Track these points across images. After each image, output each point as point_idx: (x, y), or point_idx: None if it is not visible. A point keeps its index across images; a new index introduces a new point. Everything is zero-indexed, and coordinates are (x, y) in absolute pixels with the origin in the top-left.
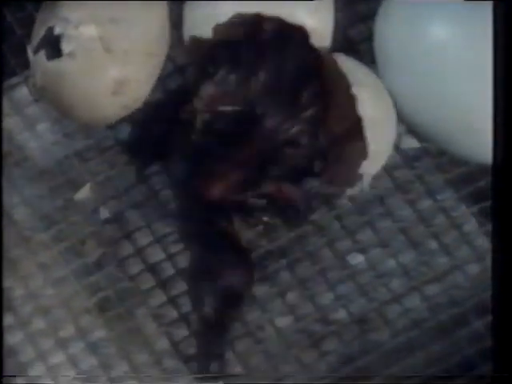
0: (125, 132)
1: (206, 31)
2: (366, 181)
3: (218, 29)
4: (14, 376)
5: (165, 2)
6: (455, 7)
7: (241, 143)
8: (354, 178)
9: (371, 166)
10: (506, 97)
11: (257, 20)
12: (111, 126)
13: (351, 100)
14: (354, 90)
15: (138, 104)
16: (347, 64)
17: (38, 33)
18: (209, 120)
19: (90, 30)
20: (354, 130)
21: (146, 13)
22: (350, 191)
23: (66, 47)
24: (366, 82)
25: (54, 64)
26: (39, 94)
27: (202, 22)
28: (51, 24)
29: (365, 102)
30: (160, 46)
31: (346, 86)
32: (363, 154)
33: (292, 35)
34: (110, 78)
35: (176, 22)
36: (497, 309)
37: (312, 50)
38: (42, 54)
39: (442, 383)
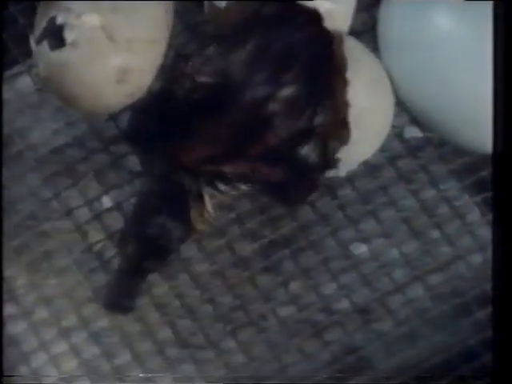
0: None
1: None
2: (345, 166)
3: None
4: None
5: None
6: None
7: (216, 115)
8: (331, 161)
9: (354, 153)
10: (506, 92)
11: None
12: (113, 115)
13: (343, 84)
14: (350, 74)
15: (142, 92)
16: (353, 47)
17: (40, 23)
18: (188, 89)
19: (92, 20)
20: (339, 114)
21: (148, 0)
22: (326, 173)
23: (68, 37)
24: (366, 69)
25: (57, 54)
26: (42, 83)
27: None
28: (53, 14)
29: (360, 89)
30: (162, 33)
31: (342, 70)
32: (344, 139)
33: (297, 15)
34: (113, 66)
35: None
36: (497, 299)
37: (321, 31)
38: (45, 44)
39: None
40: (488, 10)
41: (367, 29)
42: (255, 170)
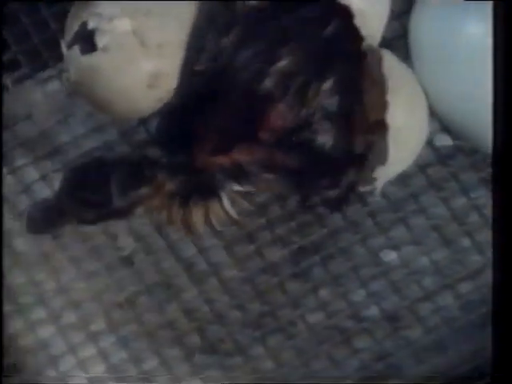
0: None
1: None
2: (380, 181)
3: None
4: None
5: None
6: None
7: (216, 102)
8: (368, 179)
9: (390, 169)
10: (506, 94)
11: None
12: (143, 120)
13: (383, 105)
14: (389, 95)
15: (171, 96)
16: (391, 63)
17: (72, 28)
18: (185, 81)
19: (123, 24)
20: (379, 135)
21: (179, 5)
22: (362, 188)
23: (100, 41)
24: (404, 87)
25: (88, 58)
26: (73, 88)
27: None
28: (85, 19)
29: (398, 106)
30: None
31: (382, 91)
32: (382, 159)
33: (330, 13)
34: (144, 71)
35: None
36: (497, 299)
37: (353, 30)
38: (76, 48)
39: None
40: None
41: (398, 37)
42: (270, 156)
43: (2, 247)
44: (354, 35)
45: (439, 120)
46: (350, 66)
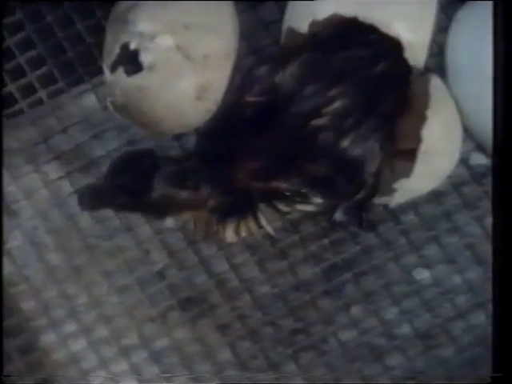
0: (190, 141)
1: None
2: (403, 196)
3: (313, 24)
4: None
5: (230, 1)
6: None
7: (264, 131)
8: (387, 191)
9: (415, 186)
10: (506, 98)
11: (349, 22)
12: (177, 135)
13: (422, 119)
14: (429, 112)
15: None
16: (437, 86)
17: (112, 50)
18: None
19: (166, 40)
20: (404, 140)
21: (218, 17)
22: (378, 200)
23: (145, 61)
24: (442, 107)
25: (135, 79)
26: (121, 111)
27: (302, 18)
28: (125, 39)
29: (434, 127)
30: (233, 47)
31: (425, 106)
32: (406, 172)
33: (380, 41)
34: (192, 84)
35: None
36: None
37: (402, 61)
38: (121, 71)
39: None
40: None
41: (434, 55)
42: (302, 170)
43: (1, 247)
44: (404, 68)
45: (474, 139)
46: (396, 97)
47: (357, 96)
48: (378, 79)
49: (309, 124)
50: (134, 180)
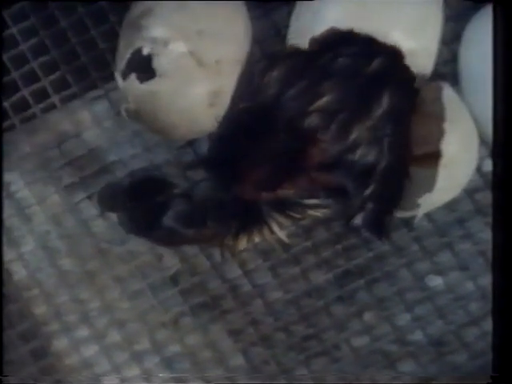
0: (204, 147)
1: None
2: (423, 209)
3: (312, 41)
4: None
5: (243, 7)
6: None
7: (259, 138)
8: (411, 205)
9: (434, 198)
10: (506, 100)
11: (346, 35)
12: (191, 141)
13: (440, 133)
14: (446, 125)
15: None
16: (449, 95)
17: (124, 56)
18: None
19: (179, 46)
20: (430, 161)
21: (230, 23)
22: (402, 214)
23: (157, 67)
24: (459, 118)
25: (147, 85)
26: (134, 117)
27: (303, 34)
28: (138, 45)
29: (452, 140)
30: (246, 53)
31: (438, 114)
32: (429, 186)
33: (377, 53)
34: (205, 90)
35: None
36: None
37: (403, 69)
38: (133, 77)
39: None
40: None
41: (447, 62)
42: (314, 181)
43: (1, 246)
44: (404, 73)
45: (487, 145)
46: (399, 101)
47: (347, 92)
48: (370, 78)
49: (301, 124)
50: (144, 213)
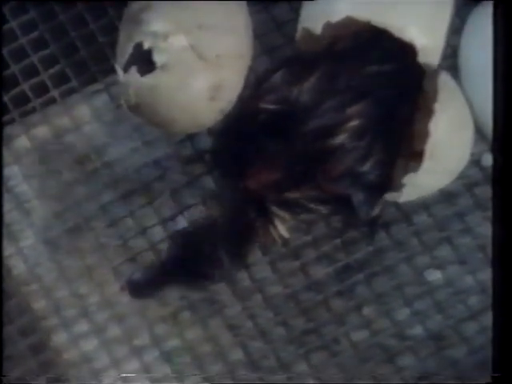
0: (203, 141)
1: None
2: (415, 192)
3: (327, 26)
4: None
5: (243, 1)
6: None
7: (278, 142)
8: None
9: (425, 182)
10: (506, 94)
11: (364, 27)
12: (190, 136)
13: (429, 113)
14: (437, 107)
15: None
16: (446, 83)
17: (125, 50)
18: (251, 114)
19: (179, 40)
20: (418, 141)
21: (230, 17)
22: (388, 196)
23: (158, 60)
24: (453, 105)
25: (148, 79)
26: (134, 111)
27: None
28: (138, 39)
29: (443, 122)
30: (247, 47)
31: (431, 100)
32: (414, 167)
33: (392, 45)
34: (205, 84)
35: None
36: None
37: (416, 67)
38: (134, 70)
39: None
40: None
41: (448, 56)
42: (323, 190)
43: (1, 246)
44: (418, 74)
45: (487, 140)
46: (412, 106)
47: (375, 115)
48: (396, 96)
49: (325, 141)
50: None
